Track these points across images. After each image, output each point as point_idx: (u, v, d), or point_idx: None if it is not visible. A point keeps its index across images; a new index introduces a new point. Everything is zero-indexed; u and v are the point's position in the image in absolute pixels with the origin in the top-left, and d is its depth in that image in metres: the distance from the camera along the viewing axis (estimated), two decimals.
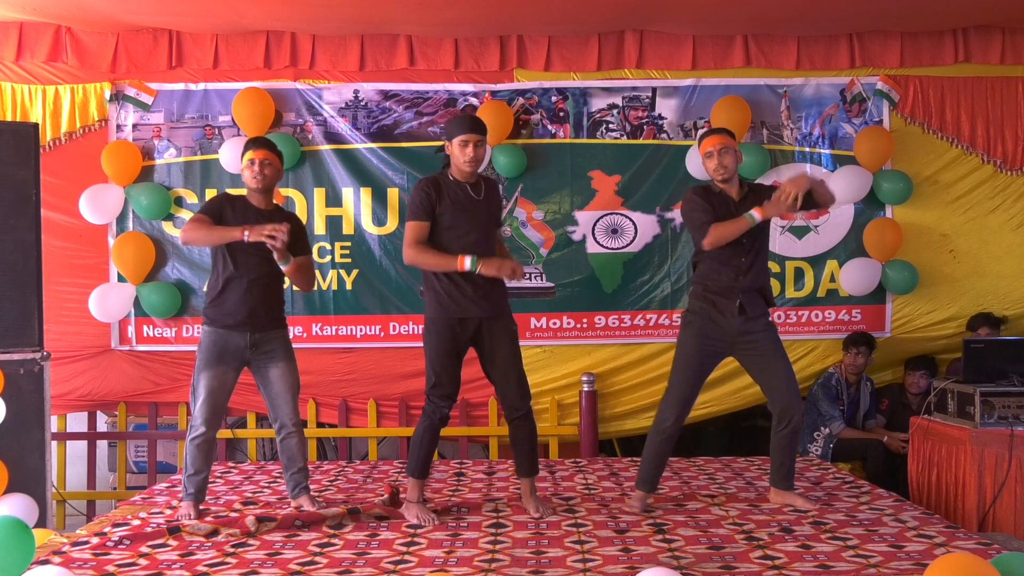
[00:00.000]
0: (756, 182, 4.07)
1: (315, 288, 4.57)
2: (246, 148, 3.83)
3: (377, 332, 5.44)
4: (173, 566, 3.16)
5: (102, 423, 5.70)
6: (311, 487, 4.05)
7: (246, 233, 3.61)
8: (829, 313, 5.51)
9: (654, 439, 3.92)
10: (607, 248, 5.48)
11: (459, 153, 3.63)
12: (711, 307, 3.85)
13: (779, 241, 5.48)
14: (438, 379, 3.69)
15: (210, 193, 5.31)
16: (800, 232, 5.50)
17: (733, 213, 3.80)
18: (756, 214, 3.70)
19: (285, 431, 3.91)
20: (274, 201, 3.94)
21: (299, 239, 3.89)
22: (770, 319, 3.95)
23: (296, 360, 3.96)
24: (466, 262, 3.58)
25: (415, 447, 3.77)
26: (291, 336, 4.01)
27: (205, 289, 4.01)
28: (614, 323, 5.46)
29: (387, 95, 5.47)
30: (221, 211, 3.77)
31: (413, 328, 5.40)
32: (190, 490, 3.83)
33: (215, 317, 3.79)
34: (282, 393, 3.87)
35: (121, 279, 5.37)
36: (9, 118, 5.22)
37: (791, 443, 3.93)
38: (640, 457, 5.16)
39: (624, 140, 5.45)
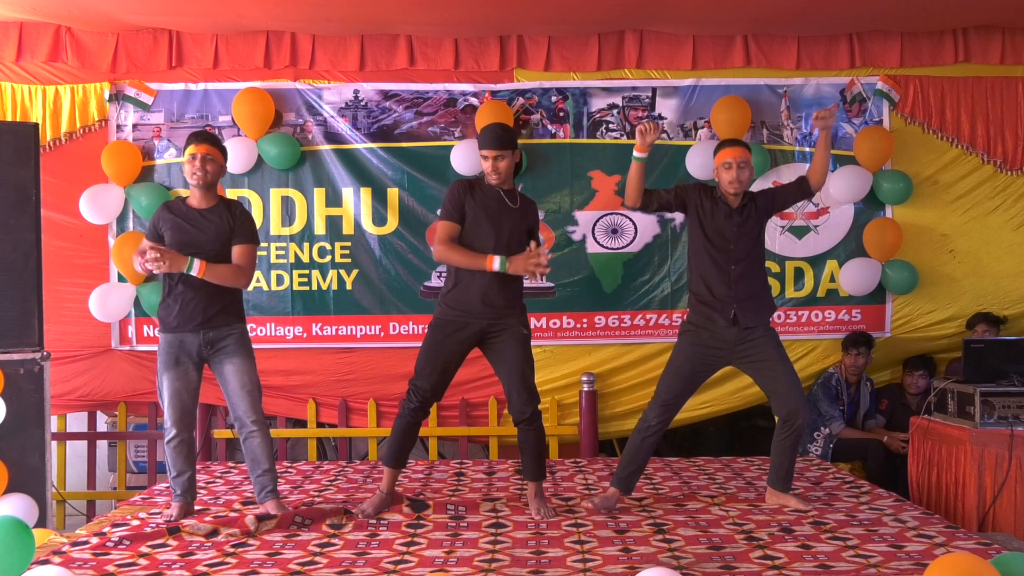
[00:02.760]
0: (756, 190, 4.07)
1: (250, 288, 4.40)
2: (188, 142, 3.79)
3: (377, 332, 5.44)
4: (173, 566, 3.16)
5: (102, 423, 5.70)
6: (312, 488, 4.03)
7: (138, 263, 3.63)
8: (829, 313, 5.51)
9: (636, 438, 3.94)
10: (607, 248, 5.48)
11: (481, 164, 3.76)
12: (706, 319, 3.87)
13: (779, 241, 5.48)
14: (418, 374, 3.81)
15: None
16: (800, 232, 5.50)
17: (729, 221, 3.84)
18: (496, 262, 3.64)
19: (245, 430, 3.83)
20: (218, 195, 3.88)
21: (241, 225, 3.83)
22: (769, 324, 3.95)
23: (254, 357, 3.89)
24: (495, 262, 3.64)
25: (391, 435, 3.93)
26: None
27: None
28: (614, 323, 5.46)
29: (387, 95, 5.46)
30: (155, 228, 3.79)
31: (413, 328, 5.40)
32: (177, 491, 3.84)
33: (166, 320, 3.78)
34: (236, 390, 3.80)
35: (121, 279, 5.37)
36: (9, 118, 5.22)
37: (794, 445, 3.93)
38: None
39: (624, 140, 5.44)
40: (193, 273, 3.64)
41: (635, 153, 3.81)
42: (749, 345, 3.86)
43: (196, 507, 3.99)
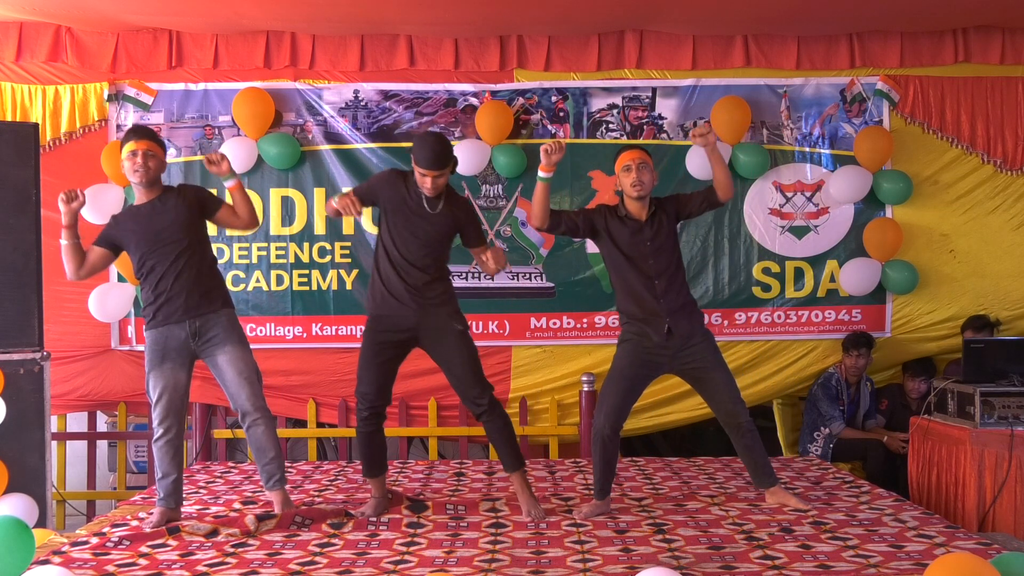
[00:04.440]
0: (663, 196, 4.02)
1: (257, 228, 4.40)
2: (126, 138, 3.74)
3: None
4: (173, 566, 3.16)
5: (102, 423, 5.70)
6: (312, 487, 4.02)
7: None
8: (829, 313, 5.51)
9: (597, 450, 3.89)
10: None
11: (418, 180, 3.70)
12: (640, 336, 3.86)
13: (779, 241, 5.49)
14: (359, 379, 3.82)
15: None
16: (800, 232, 5.50)
17: (641, 236, 3.82)
18: None
19: (249, 419, 3.77)
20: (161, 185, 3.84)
21: (205, 197, 3.88)
22: (706, 328, 3.96)
23: (247, 342, 3.83)
24: None
25: (359, 450, 3.93)
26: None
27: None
28: (614, 323, 5.45)
29: (387, 95, 5.46)
30: (108, 237, 3.78)
31: None
32: (160, 494, 3.74)
33: (152, 316, 3.72)
34: (234, 379, 3.73)
35: (121, 279, 5.37)
36: (9, 118, 5.22)
37: (751, 443, 3.94)
38: (639, 458, 5.20)
39: (624, 140, 5.45)
40: (229, 185, 3.81)
41: (540, 173, 3.76)
42: (688, 353, 3.85)
43: (196, 507, 4.00)
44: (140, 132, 3.77)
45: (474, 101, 5.45)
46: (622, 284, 3.91)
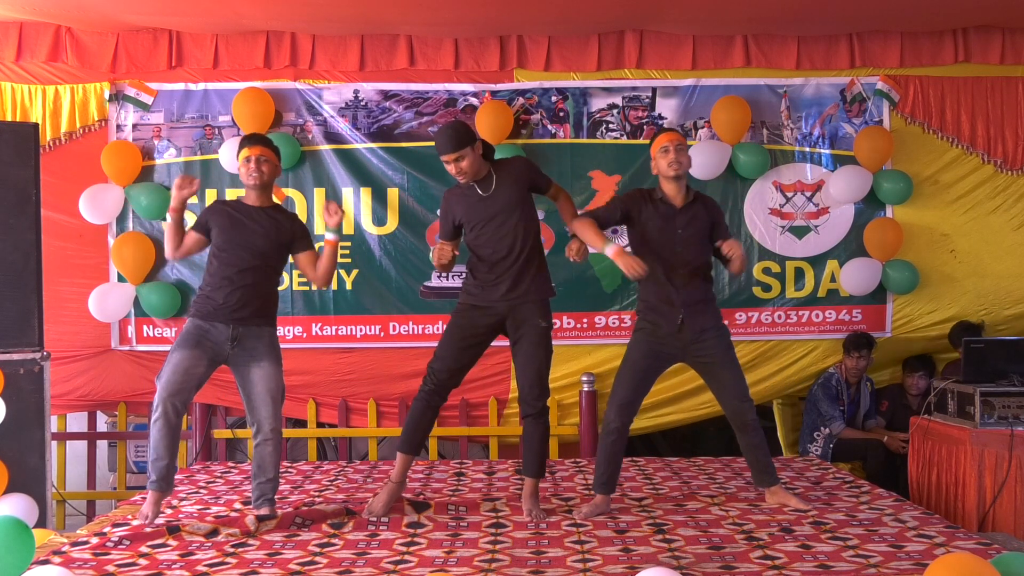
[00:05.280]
0: (704, 193, 4.04)
1: (325, 288, 4.63)
2: (241, 145, 3.80)
3: (377, 332, 5.44)
4: (173, 566, 3.16)
5: (102, 423, 5.70)
6: (312, 488, 4.01)
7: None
8: (829, 313, 5.51)
9: (604, 443, 3.89)
10: None
11: (449, 171, 3.78)
12: (654, 325, 3.85)
13: (779, 241, 5.48)
14: (436, 356, 3.85)
15: (210, 193, 5.33)
16: (800, 232, 5.50)
17: (672, 223, 3.81)
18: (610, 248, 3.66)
19: (261, 436, 3.78)
20: (274, 200, 3.93)
21: (303, 234, 3.94)
22: (722, 323, 3.94)
23: (282, 364, 3.85)
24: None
25: (407, 418, 3.94)
26: (280, 338, 3.94)
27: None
28: (614, 323, 5.46)
29: (387, 95, 5.47)
30: (205, 221, 3.82)
31: (413, 328, 5.40)
32: (153, 476, 3.70)
33: (201, 307, 3.74)
34: (262, 395, 3.75)
35: (121, 279, 5.37)
36: (9, 118, 5.22)
37: (758, 442, 3.94)
38: (639, 458, 5.20)
39: (624, 140, 5.45)
40: (329, 239, 3.87)
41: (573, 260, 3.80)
42: (701, 346, 3.84)
43: (196, 507, 4.00)
44: (254, 139, 3.82)
45: (474, 101, 5.45)
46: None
